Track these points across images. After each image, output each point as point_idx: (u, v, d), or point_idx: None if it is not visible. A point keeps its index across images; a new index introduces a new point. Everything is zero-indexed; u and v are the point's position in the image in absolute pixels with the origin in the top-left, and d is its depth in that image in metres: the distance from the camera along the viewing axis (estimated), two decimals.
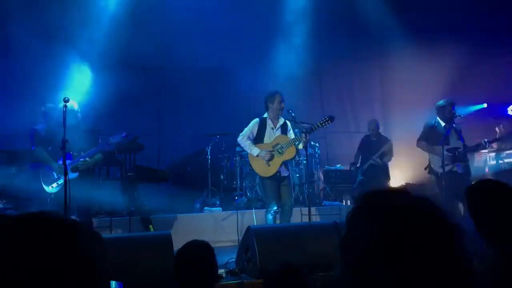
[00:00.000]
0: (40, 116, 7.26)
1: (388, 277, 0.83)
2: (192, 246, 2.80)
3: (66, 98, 5.43)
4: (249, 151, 6.44)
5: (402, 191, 0.94)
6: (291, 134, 6.44)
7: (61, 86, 7.62)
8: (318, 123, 6.17)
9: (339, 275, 0.90)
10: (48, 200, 6.69)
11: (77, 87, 7.59)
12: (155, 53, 9.65)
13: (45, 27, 8.47)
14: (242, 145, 6.61)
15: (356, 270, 0.87)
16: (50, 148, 5.96)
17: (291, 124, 6.49)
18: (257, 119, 6.52)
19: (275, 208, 6.22)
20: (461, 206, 7.04)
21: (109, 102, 8.46)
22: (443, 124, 7.03)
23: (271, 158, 6.28)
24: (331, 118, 6.19)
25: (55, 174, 5.94)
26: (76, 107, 6.03)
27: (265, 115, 6.51)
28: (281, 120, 6.47)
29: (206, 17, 9.84)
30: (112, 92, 8.53)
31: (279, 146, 6.30)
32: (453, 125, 7.01)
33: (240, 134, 6.53)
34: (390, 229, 0.86)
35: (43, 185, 5.98)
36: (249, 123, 6.67)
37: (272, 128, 6.45)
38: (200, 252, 2.73)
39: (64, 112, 5.35)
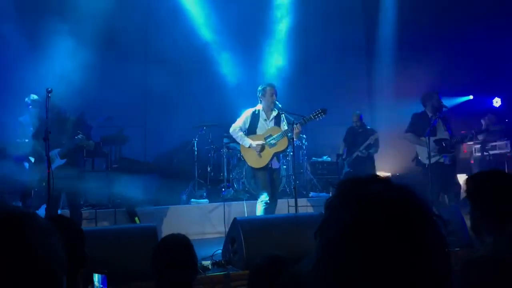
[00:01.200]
0: (24, 107, 7.20)
1: (356, 267, 0.82)
2: (167, 241, 2.76)
3: (49, 89, 5.36)
4: (241, 143, 6.38)
5: (381, 179, 0.92)
6: (284, 126, 6.34)
7: (46, 75, 7.53)
8: (311, 115, 6.10)
9: (313, 263, 0.88)
10: (32, 192, 6.64)
11: (61, 77, 7.50)
12: (141, 44, 9.56)
13: (35, 24, 8.38)
14: (234, 137, 6.51)
15: (326, 258, 0.86)
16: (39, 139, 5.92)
17: (284, 116, 6.40)
18: (249, 111, 6.44)
19: (267, 199, 6.18)
20: (446, 197, 7.11)
21: (95, 94, 8.39)
22: (430, 115, 7.05)
23: (263, 149, 6.23)
24: (324, 111, 6.10)
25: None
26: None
27: (258, 106, 6.44)
28: (275, 112, 6.38)
29: (193, 9, 9.77)
30: (97, 85, 8.46)
31: (271, 137, 6.25)
32: (440, 116, 7.03)
33: (232, 125, 6.46)
34: (360, 218, 0.84)
35: (36, 177, 5.96)
36: (235, 115, 6.62)
37: (265, 120, 6.38)
38: (176, 247, 2.69)
39: (47, 103, 5.28)
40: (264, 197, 6.20)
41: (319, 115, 6.11)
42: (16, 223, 0.85)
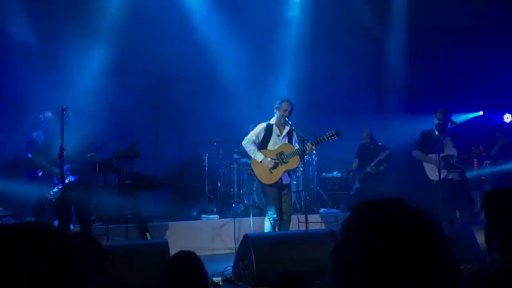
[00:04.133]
0: (38, 123, 7.31)
1: None
2: (176, 260, 2.79)
3: (64, 107, 5.47)
4: (253, 156, 6.28)
5: (397, 203, 0.93)
6: (296, 144, 6.30)
7: (60, 91, 7.67)
8: (324, 136, 6.04)
9: (327, 284, 0.90)
10: (45, 206, 6.72)
11: (76, 93, 7.65)
12: (152, 60, 9.67)
13: (45, 32, 8.54)
14: (246, 149, 6.42)
15: (341, 281, 0.88)
16: (49, 155, 6.01)
17: (296, 133, 6.33)
18: (263, 124, 6.38)
19: (275, 216, 6.14)
20: (456, 213, 7.09)
21: (107, 109, 8.50)
22: (438, 132, 7.08)
23: (275, 166, 6.16)
24: (338, 133, 6.03)
25: (55, 179, 6.03)
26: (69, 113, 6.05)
27: (272, 120, 6.39)
28: (288, 127, 6.31)
29: (206, 26, 9.90)
30: (109, 99, 8.57)
31: (283, 154, 6.18)
32: (449, 132, 7.05)
33: (245, 137, 6.39)
34: (378, 243, 0.86)
35: (45, 191, 6.05)
36: (245, 131, 6.61)
37: (278, 135, 6.31)
38: (186, 266, 2.72)
39: (62, 121, 5.37)
40: (271, 213, 6.17)
41: (332, 136, 6.04)
42: (53, 238, 0.91)
